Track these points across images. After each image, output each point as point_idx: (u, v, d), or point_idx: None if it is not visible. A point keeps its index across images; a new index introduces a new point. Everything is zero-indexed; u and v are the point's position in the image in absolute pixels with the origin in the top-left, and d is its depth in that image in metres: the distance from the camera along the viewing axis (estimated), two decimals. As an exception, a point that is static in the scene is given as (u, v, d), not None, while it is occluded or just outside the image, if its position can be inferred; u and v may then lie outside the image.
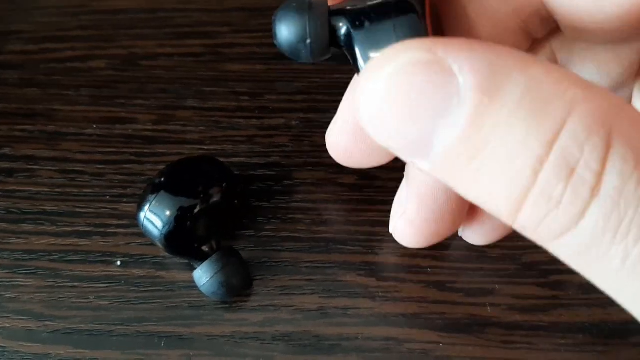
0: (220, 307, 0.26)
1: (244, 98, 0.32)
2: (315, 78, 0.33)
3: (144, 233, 0.25)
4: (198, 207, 0.25)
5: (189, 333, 0.25)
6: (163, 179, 0.25)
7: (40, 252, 0.27)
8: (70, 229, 0.28)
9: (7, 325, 0.25)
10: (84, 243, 0.28)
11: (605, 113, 0.11)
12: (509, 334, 0.25)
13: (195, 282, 0.25)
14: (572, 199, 0.11)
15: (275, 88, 0.32)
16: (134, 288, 0.26)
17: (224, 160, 0.27)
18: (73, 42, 0.34)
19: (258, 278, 0.27)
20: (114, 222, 0.28)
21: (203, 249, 0.25)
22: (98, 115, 0.32)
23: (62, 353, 0.25)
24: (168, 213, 0.24)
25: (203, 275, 0.25)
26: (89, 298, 0.26)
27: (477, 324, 0.25)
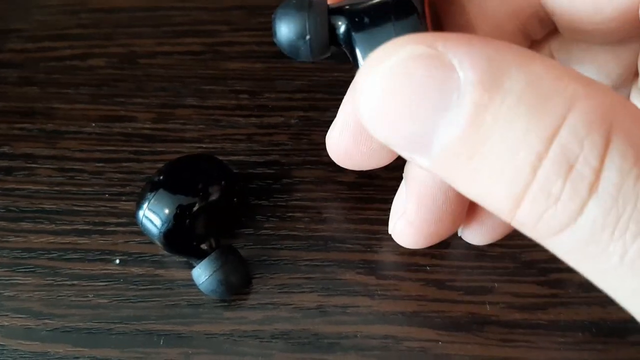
0: (219, 305, 0.26)
1: (243, 96, 0.32)
2: (315, 76, 0.33)
3: (143, 231, 0.25)
4: (197, 205, 0.25)
5: (188, 331, 0.25)
6: (162, 177, 0.25)
7: (39, 250, 0.27)
8: (69, 227, 0.28)
9: (5, 324, 0.25)
10: (83, 241, 0.28)
11: (606, 109, 0.11)
12: (508, 332, 0.25)
13: (194, 280, 0.25)
14: (570, 195, 0.11)
15: (275, 86, 0.32)
16: (133, 286, 0.26)
17: (223, 159, 0.27)
18: (72, 40, 0.34)
19: (257, 276, 0.27)
20: (113, 220, 0.28)
21: (202, 247, 0.25)
22: (97, 114, 0.32)
23: (61, 351, 0.25)
24: (167, 211, 0.24)
25: (202, 273, 0.25)
26: (88, 296, 0.26)
27: (476, 322, 0.25)
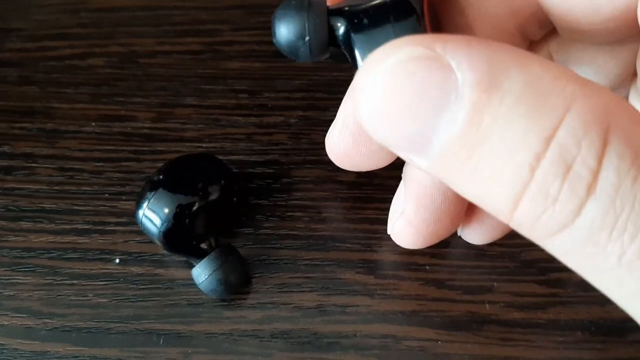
0: (219, 304, 0.26)
1: (243, 96, 0.32)
2: (315, 76, 0.32)
3: (143, 231, 0.25)
4: (196, 204, 0.25)
5: (188, 330, 0.25)
6: (161, 177, 0.25)
7: (39, 249, 0.27)
8: (69, 227, 0.28)
9: (5, 323, 0.25)
10: (83, 241, 0.28)
11: (604, 109, 0.11)
12: (508, 332, 0.25)
13: (194, 279, 0.25)
14: (568, 196, 0.11)
15: (274, 86, 0.32)
16: (133, 285, 0.26)
17: (223, 158, 0.27)
18: (72, 39, 0.34)
19: (256, 275, 0.27)
20: (113, 219, 0.28)
21: (201, 247, 0.25)
22: (97, 113, 0.32)
23: (60, 350, 0.25)
24: (166, 211, 0.24)
25: (201, 273, 0.25)
26: (88, 295, 0.26)
27: (475, 322, 0.25)
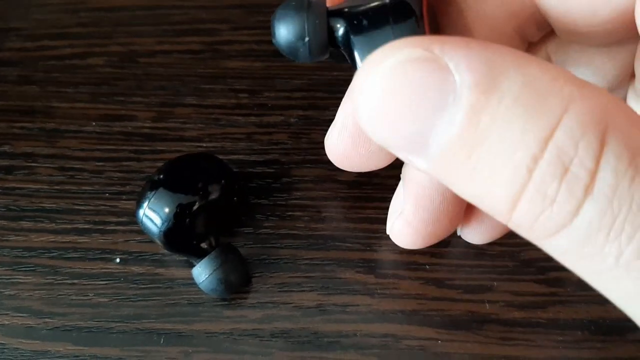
0: (219, 304, 0.26)
1: (243, 95, 0.32)
2: (314, 75, 0.33)
3: (143, 230, 0.25)
4: (197, 204, 0.25)
5: (188, 330, 0.25)
6: (162, 176, 0.25)
7: (40, 249, 0.27)
8: (70, 226, 0.28)
9: (6, 323, 0.25)
10: (83, 240, 0.28)
11: (601, 110, 0.11)
12: (508, 331, 0.25)
13: (194, 279, 0.25)
14: (566, 197, 0.11)
15: (274, 85, 0.32)
16: (133, 285, 0.26)
17: (223, 158, 0.27)
18: (72, 39, 0.34)
19: (257, 275, 0.27)
20: (113, 219, 0.28)
21: (202, 246, 0.25)
22: (97, 113, 0.32)
23: (61, 350, 0.25)
24: (167, 210, 0.24)
25: (202, 272, 0.25)
26: (88, 295, 0.26)
27: (475, 321, 0.25)
